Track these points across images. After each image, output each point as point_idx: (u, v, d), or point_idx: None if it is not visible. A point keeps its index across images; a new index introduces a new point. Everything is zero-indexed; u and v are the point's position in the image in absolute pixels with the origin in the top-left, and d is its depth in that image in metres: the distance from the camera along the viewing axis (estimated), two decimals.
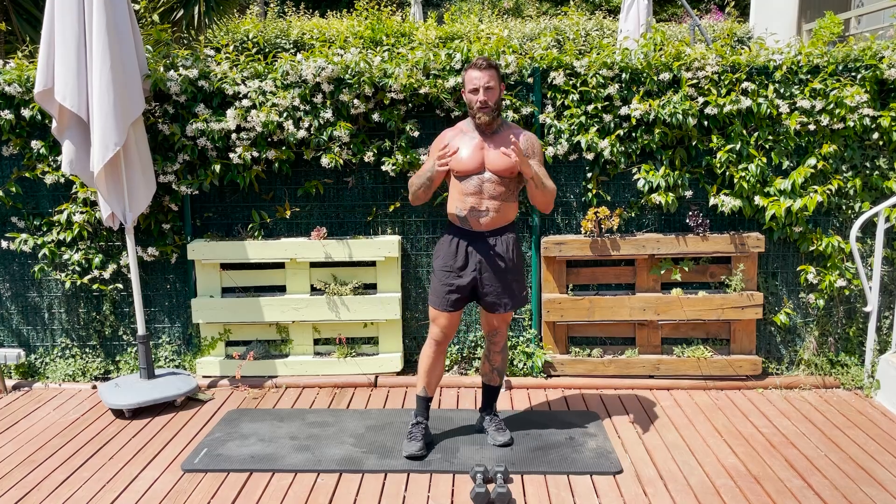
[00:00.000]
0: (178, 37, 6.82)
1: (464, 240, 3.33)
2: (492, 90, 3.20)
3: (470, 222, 3.30)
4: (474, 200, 3.26)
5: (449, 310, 3.36)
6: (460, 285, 3.33)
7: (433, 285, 3.42)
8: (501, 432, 3.50)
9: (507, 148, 3.17)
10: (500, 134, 3.28)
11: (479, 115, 3.21)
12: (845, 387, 4.24)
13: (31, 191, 4.44)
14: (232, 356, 4.46)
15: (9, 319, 4.58)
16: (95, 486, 3.19)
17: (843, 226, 4.29)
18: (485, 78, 3.18)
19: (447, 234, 3.40)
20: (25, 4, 6.22)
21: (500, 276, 3.32)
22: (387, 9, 7.71)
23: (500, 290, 3.33)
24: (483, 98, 3.18)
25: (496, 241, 3.31)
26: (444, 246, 3.39)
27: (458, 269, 3.33)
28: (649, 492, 3.09)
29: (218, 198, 4.45)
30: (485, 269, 3.31)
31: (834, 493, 3.06)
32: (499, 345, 3.50)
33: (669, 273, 4.28)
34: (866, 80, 4.11)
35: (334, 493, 3.12)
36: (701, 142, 4.23)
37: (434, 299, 3.39)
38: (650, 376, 4.31)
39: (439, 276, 3.38)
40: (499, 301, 3.35)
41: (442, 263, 3.38)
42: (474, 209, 3.26)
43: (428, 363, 3.46)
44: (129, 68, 3.82)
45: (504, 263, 3.32)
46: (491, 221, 3.28)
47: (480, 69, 3.19)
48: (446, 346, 3.48)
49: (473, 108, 3.23)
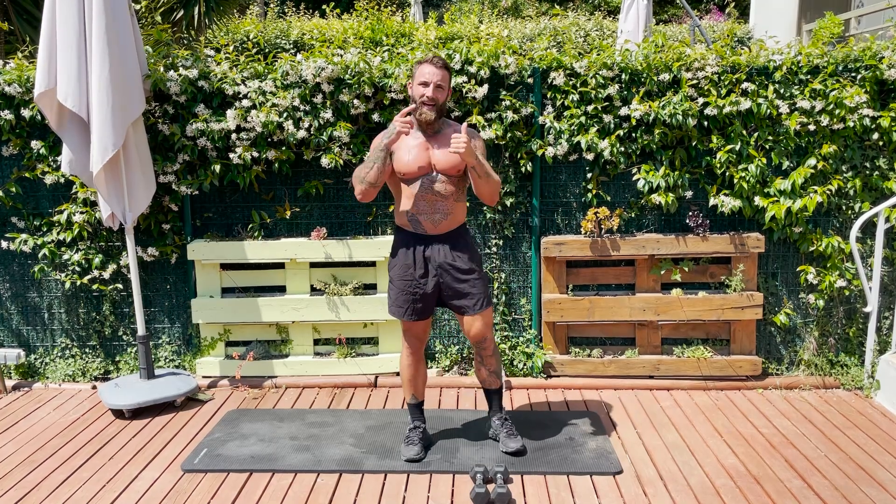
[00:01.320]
0: (178, 37, 6.82)
1: (419, 245, 3.25)
2: (441, 90, 3.15)
3: (424, 226, 3.22)
4: (425, 203, 3.18)
5: (416, 319, 3.31)
6: (424, 293, 3.26)
7: (393, 296, 3.33)
8: (513, 438, 3.41)
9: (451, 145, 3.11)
10: (442, 133, 3.23)
11: (423, 112, 3.14)
12: (845, 387, 4.24)
13: (31, 191, 4.44)
14: (232, 356, 4.46)
15: (9, 319, 4.58)
16: (95, 487, 3.19)
17: (843, 226, 4.29)
18: (438, 75, 3.14)
19: (400, 241, 3.31)
20: (25, 4, 6.23)
21: (463, 277, 3.24)
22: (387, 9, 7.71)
23: (464, 292, 3.26)
24: (432, 94, 3.12)
25: (453, 244, 3.24)
26: (399, 255, 3.30)
27: (419, 277, 3.25)
28: (649, 492, 3.09)
29: (218, 198, 4.45)
30: (445, 273, 3.24)
31: (834, 493, 3.06)
32: (488, 349, 3.40)
33: (669, 273, 4.28)
34: (866, 81, 4.11)
35: (334, 493, 3.13)
36: (701, 142, 4.23)
37: (398, 311, 3.32)
38: (650, 376, 4.31)
39: (399, 286, 3.29)
40: (466, 303, 3.27)
41: (400, 273, 3.29)
42: (427, 212, 3.19)
43: (410, 372, 3.45)
44: (129, 68, 3.82)
45: (465, 265, 3.24)
46: (446, 223, 3.22)
47: (435, 66, 3.15)
48: (423, 350, 3.46)
49: (417, 103, 3.15)
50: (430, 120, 3.15)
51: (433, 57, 3.19)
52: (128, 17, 3.82)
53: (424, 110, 3.14)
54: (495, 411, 3.53)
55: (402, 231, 3.31)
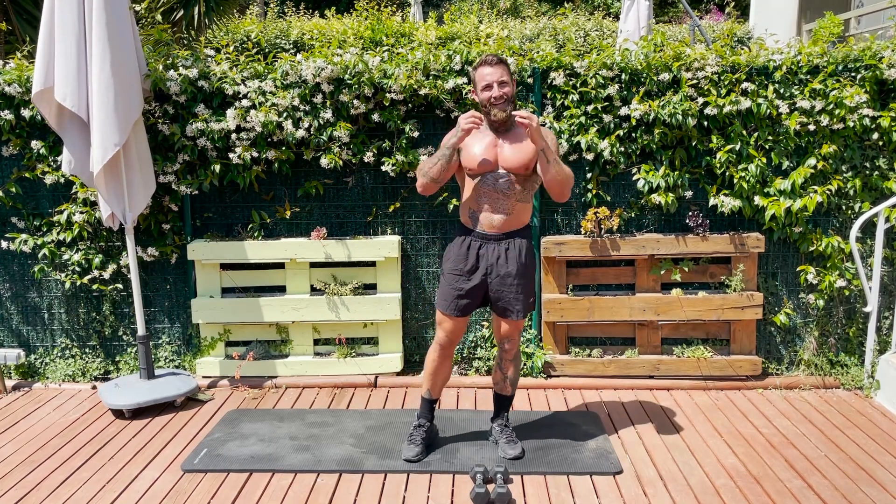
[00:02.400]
0: (178, 37, 6.82)
1: (475, 242, 3.24)
2: (506, 84, 3.10)
3: (482, 225, 3.21)
4: (488, 201, 3.16)
5: (456, 314, 3.28)
6: (469, 289, 3.24)
7: (441, 288, 3.33)
8: (512, 445, 3.39)
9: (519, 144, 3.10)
10: (512, 131, 3.19)
11: (495, 112, 3.09)
12: (845, 387, 4.24)
13: (31, 191, 4.44)
14: (232, 356, 4.46)
15: (9, 319, 4.58)
16: (95, 487, 3.19)
17: (843, 226, 4.29)
18: (497, 73, 3.09)
19: (459, 235, 3.31)
20: (25, 4, 6.23)
21: (510, 281, 3.21)
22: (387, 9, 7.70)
23: (510, 296, 3.23)
24: (498, 93, 3.07)
25: (508, 245, 3.21)
26: (454, 248, 3.30)
27: (467, 273, 3.24)
28: (649, 492, 3.09)
29: (218, 198, 4.46)
30: (495, 273, 3.22)
31: (834, 493, 3.06)
32: (511, 352, 3.38)
33: (669, 273, 4.28)
34: (866, 81, 4.11)
35: (334, 493, 3.12)
36: (701, 142, 4.23)
37: (442, 302, 3.31)
38: (650, 377, 4.31)
39: (448, 279, 3.29)
40: (510, 307, 3.25)
41: (451, 266, 3.28)
42: (488, 210, 3.18)
43: (433, 366, 3.41)
44: (129, 68, 3.81)
45: (516, 268, 3.21)
46: (504, 224, 3.19)
47: (492, 65, 3.10)
48: (452, 350, 3.41)
49: (487, 106, 3.10)
50: (503, 118, 3.12)
51: (486, 56, 3.13)
52: (127, 17, 3.82)
53: (496, 111, 3.10)
54: (498, 417, 3.52)
55: (463, 227, 3.31)
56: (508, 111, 3.12)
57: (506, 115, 3.12)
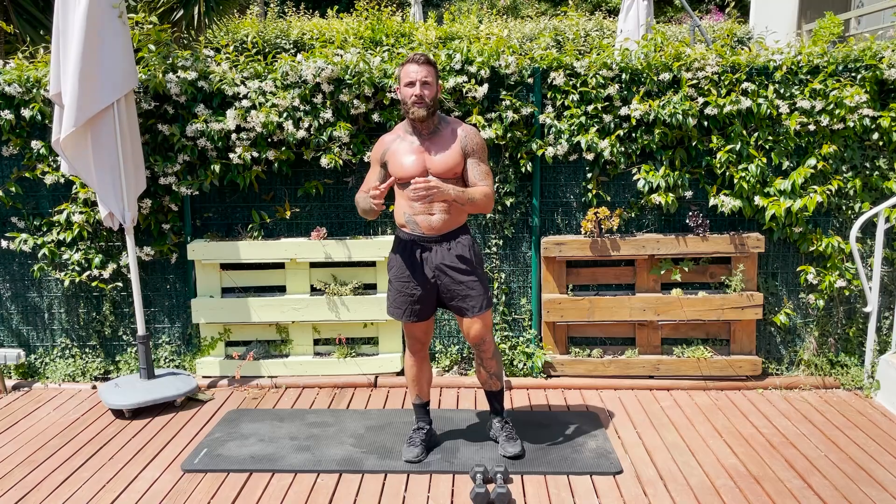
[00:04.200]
0: (177, 37, 6.82)
1: (416, 247, 3.22)
2: (429, 85, 3.09)
3: (421, 228, 3.18)
4: (422, 206, 3.14)
5: (414, 320, 3.28)
6: (421, 295, 3.23)
7: (391, 297, 3.31)
8: (512, 442, 3.38)
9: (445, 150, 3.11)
10: (439, 133, 3.18)
11: (414, 110, 3.07)
12: (845, 387, 4.23)
13: (31, 191, 4.44)
14: (232, 356, 4.46)
15: (9, 319, 4.58)
16: (95, 486, 3.19)
17: (843, 226, 4.29)
18: (422, 72, 3.08)
19: (398, 242, 3.28)
20: (25, 4, 6.22)
21: (459, 278, 3.20)
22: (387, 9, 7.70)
23: (462, 294, 3.21)
24: (419, 92, 3.06)
25: (451, 245, 3.20)
26: (397, 255, 3.27)
27: (415, 279, 3.22)
28: (649, 492, 3.09)
29: (218, 198, 4.45)
30: (443, 274, 3.20)
31: (834, 493, 3.06)
32: (488, 352, 3.36)
33: (669, 273, 4.28)
34: (866, 81, 4.11)
35: (334, 493, 3.12)
36: (701, 142, 4.23)
37: (396, 311, 3.30)
38: (650, 377, 4.31)
39: (396, 286, 3.27)
40: (465, 304, 3.23)
41: (398, 273, 3.26)
42: (423, 215, 3.15)
43: (413, 372, 3.42)
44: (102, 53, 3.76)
45: (463, 265, 3.20)
46: (443, 225, 3.16)
47: (418, 63, 3.09)
48: (425, 351, 3.42)
49: (408, 104, 3.09)
50: (422, 117, 3.10)
51: (415, 55, 3.13)
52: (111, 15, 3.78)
53: (414, 109, 3.09)
54: (495, 413, 3.52)
55: (401, 231, 3.28)
56: (428, 113, 3.10)
57: (425, 115, 3.10)
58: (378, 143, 3.29)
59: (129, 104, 3.94)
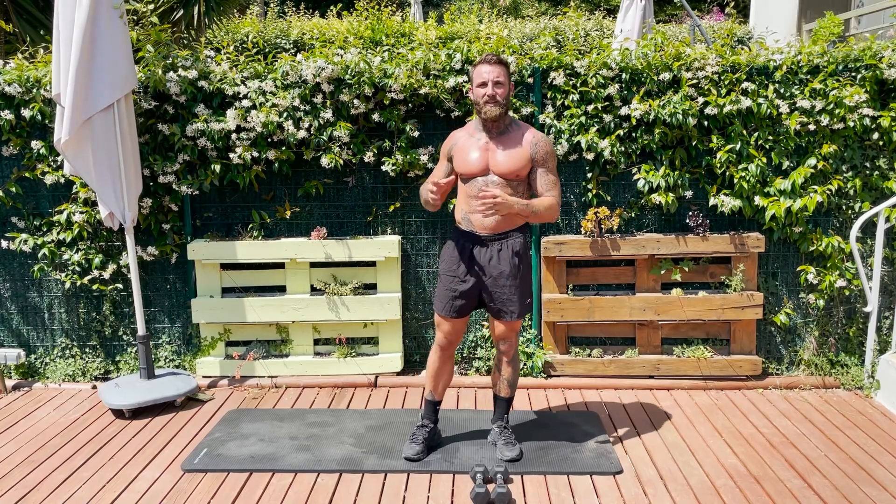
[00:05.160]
0: (178, 37, 6.82)
1: (468, 244, 3.25)
2: (501, 85, 3.11)
3: (474, 225, 3.22)
4: (479, 203, 3.15)
5: (453, 316, 3.29)
6: (464, 291, 3.25)
7: (438, 290, 3.34)
8: (510, 447, 3.38)
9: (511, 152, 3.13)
10: (508, 134, 3.20)
11: (486, 110, 3.11)
12: (845, 387, 4.23)
13: (31, 191, 4.44)
14: (232, 356, 4.46)
15: (9, 319, 4.58)
16: (95, 486, 3.19)
17: (843, 226, 4.29)
18: (494, 72, 3.11)
19: (452, 237, 3.33)
20: (25, 4, 6.22)
21: (503, 282, 3.22)
22: (387, 9, 7.70)
23: (504, 297, 3.23)
24: (491, 92, 3.09)
25: (501, 246, 3.21)
26: (448, 249, 3.32)
27: (461, 275, 3.24)
28: (649, 492, 3.09)
29: (218, 198, 4.45)
30: (488, 274, 3.22)
31: (834, 493, 3.06)
32: (508, 354, 3.38)
33: (669, 273, 4.28)
34: (866, 80, 4.11)
35: (334, 493, 3.12)
36: (701, 142, 4.23)
37: (438, 304, 3.32)
38: (650, 376, 4.31)
39: (444, 280, 3.30)
40: (504, 308, 3.25)
41: (446, 267, 3.30)
42: (480, 211, 3.16)
43: (434, 367, 3.42)
44: (102, 54, 3.76)
45: (508, 269, 3.21)
46: (495, 225, 3.19)
47: (490, 64, 3.13)
48: (453, 351, 3.42)
49: (480, 104, 3.13)
50: (494, 116, 3.12)
51: (488, 55, 3.16)
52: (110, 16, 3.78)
53: (487, 108, 3.12)
54: (497, 418, 3.51)
55: (456, 228, 3.32)
56: (500, 112, 3.13)
57: (497, 115, 3.12)
58: (449, 137, 3.33)
59: (129, 104, 3.94)
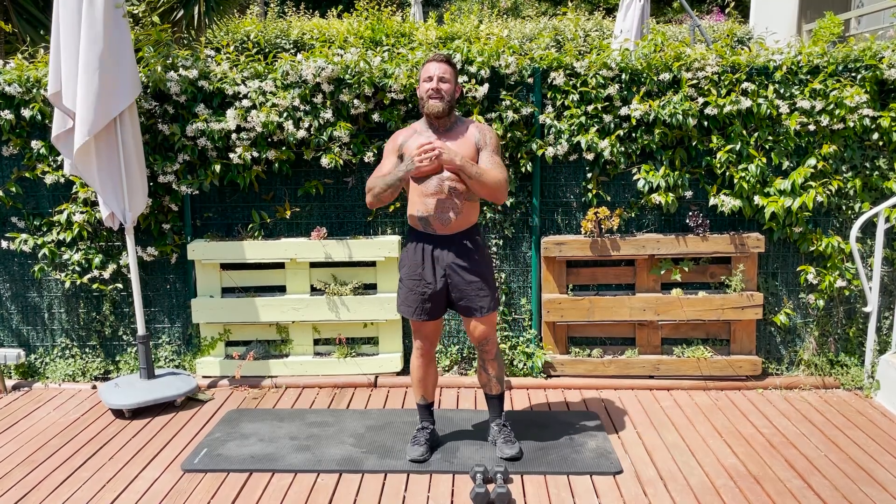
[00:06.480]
0: (178, 37, 6.82)
1: (428, 245, 3.23)
2: (446, 81, 3.14)
3: (433, 226, 3.19)
4: (436, 202, 3.14)
5: (425, 319, 3.29)
6: (431, 293, 3.24)
7: (402, 295, 3.32)
8: (510, 445, 3.38)
9: (460, 146, 3.13)
10: (454, 131, 3.22)
11: (430, 104, 3.12)
12: (845, 387, 4.23)
13: (31, 191, 4.44)
14: (232, 356, 4.46)
15: (9, 319, 4.58)
16: (95, 486, 3.19)
17: (843, 226, 4.29)
18: (441, 69, 3.14)
19: (410, 240, 3.30)
20: (26, 4, 6.22)
21: (470, 278, 3.22)
22: (387, 9, 7.70)
23: (471, 293, 3.23)
24: (435, 86, 3.12)
25: (461, 243, 3.22)
26: (409, 253, 3.29)
27: (426, 277, 3.23)
28: (649, 492, 3.09)
29: (218, 198, 4.46)
30: (454, 273, 3.22)
31: (834, 493, 3.06)
32: (491, 353, 3.37)
33: (669, 273, 4.28)
34: (866, 81, 4.11)
35: (334, 493, 3.12)
36: (701, 142, 4.23)
37: (407, 310, 3.30)
38: (650, 376, 4.31)
39: (408, 284, 3.28)
40: (473, 305, 3.25)
41: (409, 272, 3.28)
42: (437, 212, 3.16)
43: (419, 373, 3.42)
44: (113, 62, 3.77)
45: (474, 266, 3.22)
46: (455, 223, 3.19)
47: (437, 62, 3.16)
48: (433, 352, 3.43)
49: (424, 98, 3.15)
50: (437, 112, 3.14)
51: (435, 54, 3.21)
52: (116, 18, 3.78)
53: (431, 102, 3.14)
54: (494, 416, 3.51)
55: (413, 230, 3.29)
56: (445, 108, 3.14)
57: (440, 110, 3.13)
58: (393, 136, 3.31)
59: (132, 106, 3.94)
